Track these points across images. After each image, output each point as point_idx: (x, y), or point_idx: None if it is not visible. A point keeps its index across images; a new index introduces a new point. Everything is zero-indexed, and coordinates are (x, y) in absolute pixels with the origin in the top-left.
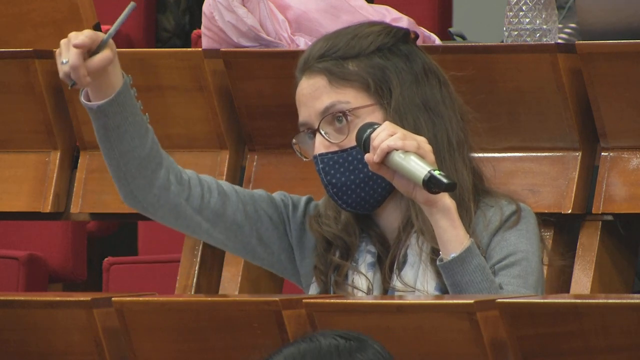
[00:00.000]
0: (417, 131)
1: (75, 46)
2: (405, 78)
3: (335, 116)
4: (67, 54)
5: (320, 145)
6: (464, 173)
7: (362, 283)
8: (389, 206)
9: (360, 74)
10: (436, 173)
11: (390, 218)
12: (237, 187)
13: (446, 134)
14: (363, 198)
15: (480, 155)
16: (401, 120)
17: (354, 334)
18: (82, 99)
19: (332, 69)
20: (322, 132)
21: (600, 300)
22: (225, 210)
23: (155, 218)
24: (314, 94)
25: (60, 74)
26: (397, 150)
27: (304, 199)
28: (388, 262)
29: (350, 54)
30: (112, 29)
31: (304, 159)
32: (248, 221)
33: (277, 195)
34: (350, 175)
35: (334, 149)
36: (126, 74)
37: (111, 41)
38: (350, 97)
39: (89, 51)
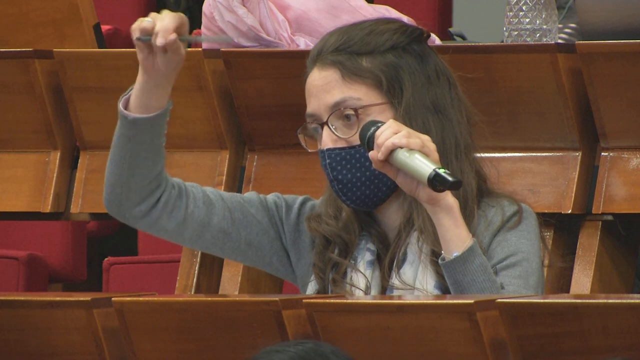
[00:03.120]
0: (426, 132)
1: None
2: (418, 79)
3: (345, 112)
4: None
5: (328, 139)
6: (469, 176)
7: (361, 281)
8: (392, 205)
9: (374, 71)
10: (441, 171)
11: (392, 217)
12: (224, 194)
13: (454, 136)
14: (367, 196)
15: (480, 155)
16: (410, 120)
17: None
18: (121, 106)
19: (346, 63)
20: (331, 126)
21: (600, 300)
22: (210, 219)
23: (134, 227)
24: (326, 87)
25: (140, 24)
26: (401, 148)
27: (299, 199)
28: (387, 260)
29: (364, 49)
30: (204, 37)
31: (309, 150)
32: (235, 227)
33: (270, 197)
34: (357, 172)
35: (342, 144)
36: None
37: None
38: (361, 94)
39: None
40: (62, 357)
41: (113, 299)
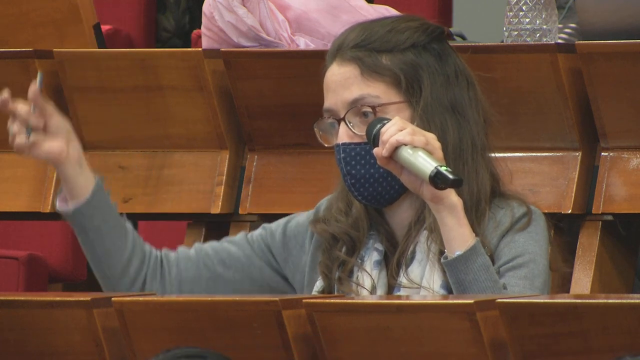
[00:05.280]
0: (443, 132)
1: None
2: (437, 78)
3: (363, 109)
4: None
5: (344, 134)
6: (484, 177)
7: (366, 281)
8: (404, 204)
9: (393, 69)
10: (443, 169)
11: (402, 215)
12: (206, 244)
13: (471, 137)
14: (379, 193)
15: (494, 154)
16: (428, 120)
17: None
18: (58, 206)
19: (366, 60)
20: (348, 123)
21: (600, 300)
22: (195, 273)
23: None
24: (345, 83)
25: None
26: (405, 145)
27: (283, 221)
28: (396, 258)
29: (385, 47)
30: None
31: (326, 145)
32: (220, 270)
33: (257, 231)
34: (370, 168)
35: (357, 140)
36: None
37: (71, 138)
38: (380, 92)
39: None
40: (62, 357)
41: (113, 299)
